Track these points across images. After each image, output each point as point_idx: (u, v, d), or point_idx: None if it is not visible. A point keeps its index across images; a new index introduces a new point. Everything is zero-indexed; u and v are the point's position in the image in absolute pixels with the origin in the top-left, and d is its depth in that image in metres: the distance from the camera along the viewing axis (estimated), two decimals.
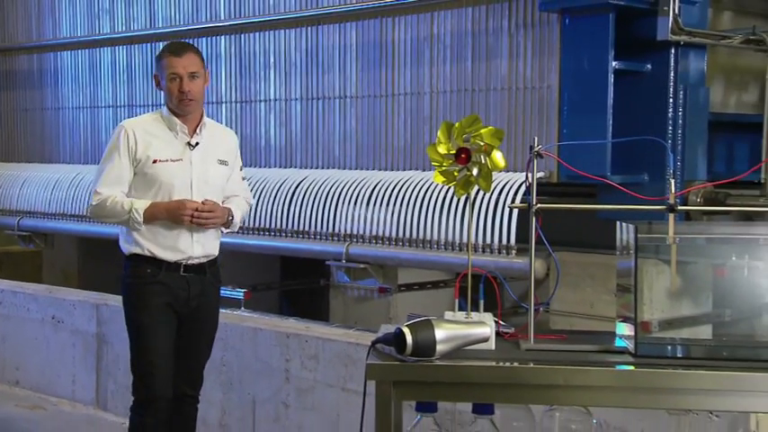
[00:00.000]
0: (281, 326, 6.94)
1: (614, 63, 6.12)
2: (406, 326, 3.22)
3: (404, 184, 7.25)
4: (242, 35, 8.56)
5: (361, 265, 7.48)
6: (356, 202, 7.46)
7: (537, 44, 6.66)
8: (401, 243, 7.19)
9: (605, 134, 6.11)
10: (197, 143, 5.44)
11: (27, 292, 8.77)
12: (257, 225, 7.96)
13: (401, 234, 7.18)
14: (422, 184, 7.14)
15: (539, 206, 3.46)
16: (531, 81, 6.69)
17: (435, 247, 6.98)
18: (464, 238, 6.77)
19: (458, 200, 6.82)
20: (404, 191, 7.20)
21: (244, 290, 8.24)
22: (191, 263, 5.44)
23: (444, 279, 8.39)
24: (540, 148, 3.47)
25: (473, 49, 7.02)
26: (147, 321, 5.41)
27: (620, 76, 6.15)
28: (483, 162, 3.45)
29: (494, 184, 6.03)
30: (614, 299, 3.76)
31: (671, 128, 6.12)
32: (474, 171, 3.45)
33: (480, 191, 3.52)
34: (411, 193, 7.15)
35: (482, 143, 3.44)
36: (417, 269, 7.80)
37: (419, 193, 7.11)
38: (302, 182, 7.91)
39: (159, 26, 9.22)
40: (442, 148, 3.48)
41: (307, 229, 7.76)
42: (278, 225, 7.94)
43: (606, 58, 6.09)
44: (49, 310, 8.41)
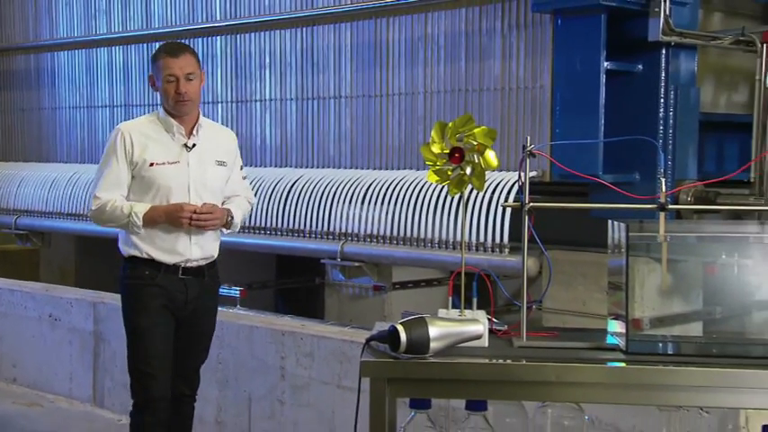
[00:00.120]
0: (276, 324, 6.95)
1: (606, 63, 6.12)
2: (401, 323, 3.22)
3: (398, 183, 7.27)
4: (238, 35, 8.56)
5: (356, 264, 7.50)
6: (351, 201, 7.47)
7: (530, 45, 6.66)
8: (395, 242, 7.21)
9: (597, 134, 6.11)
10: (194, 145, 5.41)
11: (24, 290, 8.77)
12: (253, 224, 7.95)
13: (395, 233, 7.20)
14: (416, 184, 7.15)
15: (531, 205, 3.47)
16: (524, 81, 6.70)
17: (429, 245, 7.00)
18: (458, 237, 6.78)
19: (451, 199, 6.82)
20: (398, 190, 7.22)
21: (240, 288, 8.22)
22: (189, 265, 5.40)
23: (438, 277, 8.37)
24: (533, 147, 3.47)
25: (466, 50, 7.03)
26: (145, 323, 5.38)
27: (611, 76, 6.16)
28: (476, 161, 3.44)
29: (487, 183, 6.04)
30: (606, 297, 3.75)
31: (662, 127, 6.13)
32: (467, 170, 3.44)
33: (473, 190, 3.52)
34: (405, 192, 7.17)
35: (475, 143, 3.43)
36: (411, 267, 7.81)
37: (413, 192, 7.12)
38: (297, 181, 7.92)
39: (155, 26, 9.21)
40: (435, 148, 3.48)
41: (302, 227, 7.78)
42: (273, 224, 7.95)
43: (598, 58, 6.10)
44: (47, 308, 8.42)
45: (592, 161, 6.01)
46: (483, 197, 6.61)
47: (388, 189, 7.29)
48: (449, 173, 3.49)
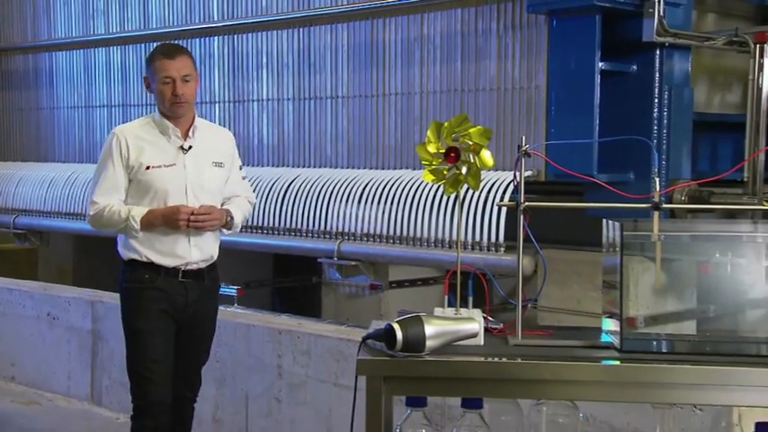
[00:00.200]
0: (273, 322, 6.97)
1: (601, 64, 6.12)
2: (397, 322, 3.22)
3: (394, 182, 7.28)
4: (235, 36, 8.57)
5: (353, 263, 7.49)
6: (348, 201, 7.48)
7: (525, 45, 6.68)
8: (392, 241, 7.21)
9: (592, 134, 6.11)
10: (190, 147, 5.35)
11: (23, 289, 8.79)
12: (250, 223, 7.93)
13: (392, 232, 7.19)
14: (412, 183, 7.16)
15: (526, 204, 3.47)
16: (520, 81, 6.71)
17: (425, 244, 7.00)
18: (453, 236, 6.80)
19: (447, 198, 6.83)
20: (394, 189, 7.22)
21: (237, 287, 8.19)
22: (189, 268, 5.36)
23: (434, 276, 8.41)
24: (528, 147, 3.47)
25: (462, 51, 7.04)
26: (145, 327, 5.33)
27: (606, 76, 6.16)
28: (472, 161, 3.45)
29: (482, 182, 6.05)
30: (600, 295, 3.74)
31: (656, 127, 6.13)
32: (463, 170, 3.45)
33: (469, 189, 3.54)
34: (401, 191, 7.18)
35: (471, 142, 3.44)
36: (408, 266, 7.83)
37: (409, 191, 7.13)
38: (294, 180, 7.93)
39: (153, 27, 9.21)
40: (431, 148, 3.48)
41: (299, 227, 7.79)
42: (271, 223, 7.95)
43: (593, 59, 6.10)
44: (45, 307, 8.44)
45: (587, 161, 5.99)
46: (479, 196, 6.61)
47: (384, 188, 7.29)
48: (445, 172, 3.50)
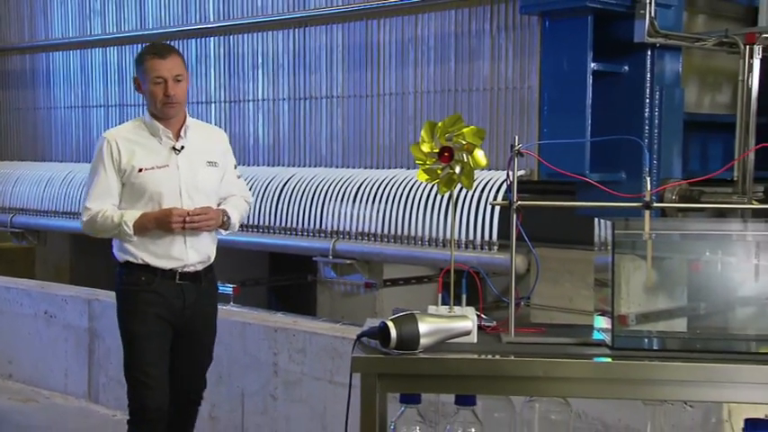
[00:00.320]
0: (269, 320, 6.96)
1: (593, 64, 6.16)
2: (391, 320, 3.23)
3: (389, 181, 7.30)
4: (231, 36, 8.59)
5: (348, 261, 7.52)
6: (342, 200, 7.50)
7: (518, 46, 6.70)
8: (386, 239, 7.23)
9: (584, 133, 6.14)
10: (182, 147, 5.26)
11: (20, 287, 8.80)
12: (246, 222, 7.92)
13: (386, 231, 7.21)
14: (406, 182, 7.18)
15: (519, 203, 3.49)
16: (513, 82, 6.74)
17: (419, 243, 7.03)
18: (447, 235, 6.79)
19: (441, 197, 6.86)
20: (389, 189, 7.25)
21: (233, 285, 8.25)
22: (186, 270, 5.27)
23: (428, 274, 8.41)
24: (521, 146, 3.49)
25: (456, 51, 7.07)
26: (142, 331, 5.25)
27: (598, 77, 6.19)
28: (465, 160, 3.46)
29: (476, 181, 6.07)
30: (592, 293, 3.74)
31: (647, 127, 6.17)
32: (456, 169, 3.46)
33: (463, 188, 3.56)
34: (396, 190, 7.20)
35: (464, 142, 3.45)
36: (402, 265, 7.84)
37: (404, 190, 7.15)
38: (290, 180, 7.95)
39: (150, 27, 9.22)
40: (425, 147, 3.50)
41: (294, 225, 7.80)
42: (266, 222, 7.97)
43: (585, 59, 6.13)
44: (42, 305, 8.45)
45: (579, 160, 6.02)
46: (472, 196, 6.64)
47: (379, 188, 7.32)
48: (438, 172, 3.51)
